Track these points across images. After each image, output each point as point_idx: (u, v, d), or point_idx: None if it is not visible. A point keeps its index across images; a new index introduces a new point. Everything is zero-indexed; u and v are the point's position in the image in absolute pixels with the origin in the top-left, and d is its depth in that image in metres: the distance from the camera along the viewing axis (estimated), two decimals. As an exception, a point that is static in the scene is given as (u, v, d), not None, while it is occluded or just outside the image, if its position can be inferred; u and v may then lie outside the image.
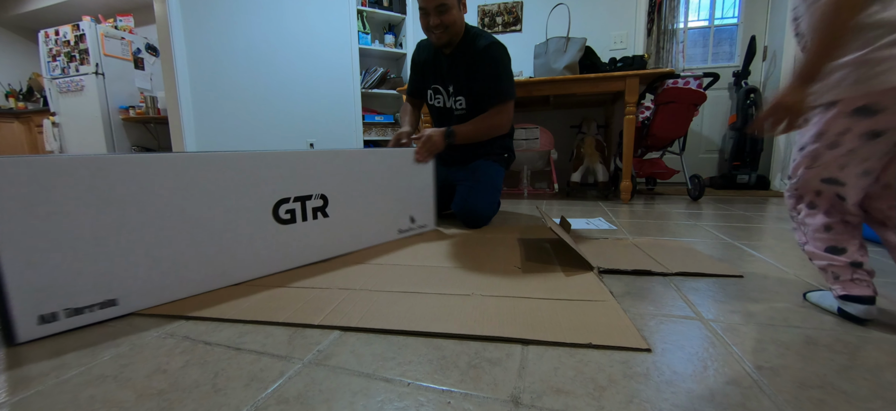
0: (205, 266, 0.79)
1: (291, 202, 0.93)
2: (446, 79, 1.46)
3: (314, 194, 0.97)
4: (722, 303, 0.73)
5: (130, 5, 4.23)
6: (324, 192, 0.99)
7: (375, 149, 1.14)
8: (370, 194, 1.11)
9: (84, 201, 0.65)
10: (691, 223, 1.51)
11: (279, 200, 0.91)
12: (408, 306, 0.71)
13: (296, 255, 0.95)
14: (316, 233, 0.98)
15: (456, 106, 1.48)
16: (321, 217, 0.99)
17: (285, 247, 0.93)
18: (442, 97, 1.51)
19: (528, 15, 2.88)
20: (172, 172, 0.74)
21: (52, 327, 0.63)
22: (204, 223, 0.78)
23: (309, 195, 0.96)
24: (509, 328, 0.62)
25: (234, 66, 2.53)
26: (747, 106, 2.64)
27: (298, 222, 0.95)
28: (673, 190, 2.77)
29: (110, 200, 0.67)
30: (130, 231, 0.70)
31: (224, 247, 0.82)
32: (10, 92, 4.69)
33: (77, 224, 0.64)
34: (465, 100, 1.46)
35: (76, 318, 0.65)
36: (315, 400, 0.46)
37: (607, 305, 0.70)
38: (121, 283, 0.69)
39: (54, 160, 0.62)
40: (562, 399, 0.45)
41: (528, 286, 0.80)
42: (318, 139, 2.87)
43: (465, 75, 1.42)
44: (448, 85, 1.47)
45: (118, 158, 0.68)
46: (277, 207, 0.90)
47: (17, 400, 0.47)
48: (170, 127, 2.45)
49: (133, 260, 0.70)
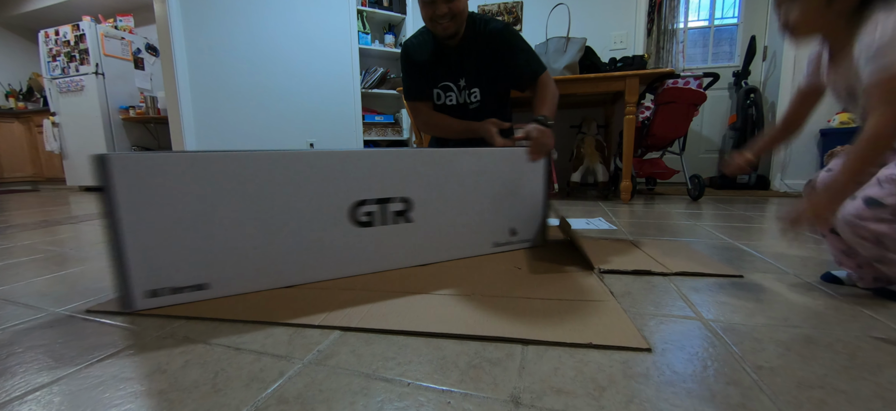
0: (279, 262, 0.81)
1: (371, 204, 0.87)
2: (456, 73, 1.36)
3: (396, 197, 0.90)
4: (722, 303, 0.73)
5: (130, 5, 4.24)
6: (407, 195, 0.92)
7: (473, 149, 1.00)
8: (462, 200, 0.99)
9: (188, 194, 0.71)
10: (691, 223, 1.51)
11: (357, 201, 0.86)
12: (408, 306, 0.71)
13: (373, 260, 0.90)
14: (396, 239, 0.91)
15: (471, 99, 1.38)
16: (403, 222, 0.92)
17: (362, 252, 0.88)
18: (454, 94, 1.39)
19: (528, 15, 2.89)
20: (258, 169, 0.76)
21: (157, 301, 0.72)
22: (282, 220, 0.80)
23: (390, 198, 0.90)
24: (509, 328, 0.62)
25: (234, 66, 2.53)
26: (747, 106, 2.64)
27: (377, 226, 0.89)
28: (673, 190, 2.77)
29: (207, 194, 0.73)
30: (221, 223, 0.75)
31: (298, 245, 0.82)
32: (10, 92, 4.69)
33: (182, 214, 0.71)
34: (479, 91, 1.37)
35: (176, 296, 0.73)
36: (315, 400, 0.46)
37: (607, 305, 0.70)
38: (211, 270, 0.75)
39: (168, 157, 0.70)
40: (562, 399, 0.45)
41: (528, 286, 0.80)
42: (318, 139, 2.87)
43: (478, 64, 1.32)
44: (459, 79, 1.36)
45: (218, 155, 0.73)
46: (355, 209, 0.86)
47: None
48: (170, 127, 2.45)
49: (222, 250, 0.75)
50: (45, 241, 1.40)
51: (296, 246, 0.81)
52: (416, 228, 0.94)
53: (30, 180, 4.72)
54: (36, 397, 0.48)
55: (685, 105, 2.17)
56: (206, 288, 0.75)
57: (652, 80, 2.23)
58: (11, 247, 1.31)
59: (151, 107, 3.74)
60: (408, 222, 0.92)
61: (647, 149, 2.48)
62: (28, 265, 1.08)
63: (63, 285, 0.90)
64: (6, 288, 0.89)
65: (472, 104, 1.40)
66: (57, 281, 0.93)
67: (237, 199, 0.75)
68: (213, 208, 0.73)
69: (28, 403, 0.47)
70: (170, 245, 0.71)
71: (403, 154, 0.91)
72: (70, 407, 0.46)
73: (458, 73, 1.36)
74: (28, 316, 0.72)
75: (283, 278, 0.81)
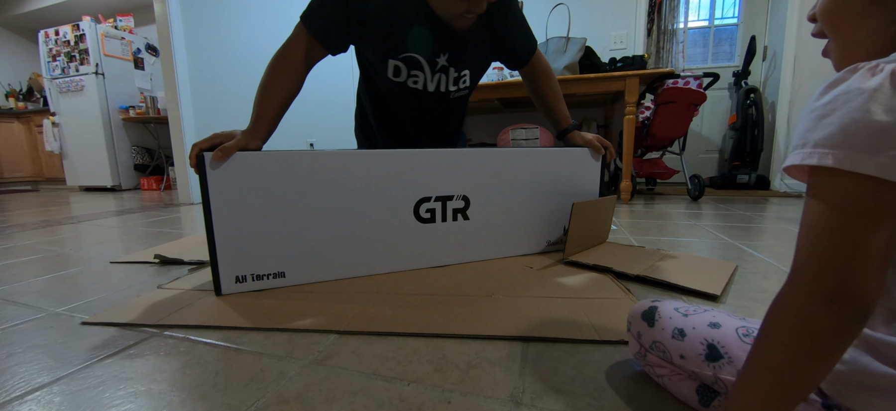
0: (349, 254, 0.86)
1: (432, 201, 0.91)
2: (436, 45, 0.95)
3: (456, 195, 0.93)
4: (722, 303, 0.73)
5: (130, 5, 4.23)
6: (466, 194, 0.94)
7: (530, 150, 1.00)
8: (517, 199, 1.00)
9: (269, 189, 0.76)
10: (691, 223, 1.51)
11: (421, 198, 0.89)
12: (409, 306, 0.71)
13: (433, 255, 0.93)
14: (454, 235, 0.95)
15: (460, 86, 1.04)
16: (461, 219, 0.95)
17: (424, 246, 0.92)
18: (422, 75, 0.98)
19: (528, 15, 2.87)
20: (333, 167, 0.80)
21: (242, 287, 0.78)
22: (352, 215, 0.84)
23: (451, 195, 0.92)
24: (510, 327, 0.61)
25: (234, 66, 2.53)
26: (747, 106, 2.64)
27: (438, 222, 0.92)
28: (673, 190, 2.77)
29: (287, 189, 0.78)
30: (298, 216, 0.80)
31: (369, 238, 0.86)
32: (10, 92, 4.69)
33: (265, 207, 0.77)
34: (469, 74, 1.04)
35: (258, 283, 0.79)
36: (315, 400, 0.46)
37: (608, 303, 0.70)
38: (287, 260, 0.81)
39: (253, 155, 0.75)
40: (562, 399, 0.45)
41: (529, 286, 0.80)
42: (318, 139, 2.87)
43: (476, 38, 0.98)
44: (438, 54, 0.96)
45: (297, 154, 0.78)
46: (418, 205, 0.90)
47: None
48: (170, 127, 2.45)
49: (298, 241, 0.81)
50: (45, 241, 1.40)
51: (365, 240, 0.86)
52: (473, 226, 0.96)
53: (30, 180, 4.71)
54: (36, 397, 0.48)
55: (685, 105, 2.17)
56: (283, 276, 0.81)
57: (652, 79, 2.23)
58: (11, 247, 1.31)
59: (151, 108, 3.74)
60: (466, 220, 0.95)
61: (647, 149, 2.48)
62: (28, 265, 1.08)
63: (63, 285, 0.90)
64: (6, 288, 0.89)
65: (457, 93, 1.06)
66: (57, 281, 0.93)
67: (313, 195, 0.80)
68: (291, 202, 0.79)
69: (28, 403, 0.47)
70: (254, 235, 0.77)
71: (464, 154, 0.93)
72: (70, 407, 0.46)
73: (440, 46, 0.95)
74: (28, 316, 0.72)
75: (351, 269, 0.87)
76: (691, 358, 0.41)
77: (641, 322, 0.46)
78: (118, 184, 3.86)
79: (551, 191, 1.04)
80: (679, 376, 0.43)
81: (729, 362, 0.38)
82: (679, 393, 0.44)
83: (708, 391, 0.41)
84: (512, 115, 3.08)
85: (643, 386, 0.48)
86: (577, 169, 1.07)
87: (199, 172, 0.71)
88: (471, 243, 0.97)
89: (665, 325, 0.44)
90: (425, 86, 1.01)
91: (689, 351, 0.41)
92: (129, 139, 3.94)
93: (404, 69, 0.96)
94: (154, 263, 1.04)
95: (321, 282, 0.84)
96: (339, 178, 0.81)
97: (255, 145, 0.79)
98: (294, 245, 0.81)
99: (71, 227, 1.69)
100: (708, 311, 0.44)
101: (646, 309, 0.47)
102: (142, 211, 2.23)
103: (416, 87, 1.00)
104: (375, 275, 0.88)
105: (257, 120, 0.83)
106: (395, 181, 0.86)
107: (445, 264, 0.95)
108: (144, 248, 1.23)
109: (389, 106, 1.09)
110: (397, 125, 1.12)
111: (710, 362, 0.39)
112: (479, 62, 1.04)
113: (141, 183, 3.88)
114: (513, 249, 1.03)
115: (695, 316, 0.43)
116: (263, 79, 0.87)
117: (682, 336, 0.42)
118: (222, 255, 0.76)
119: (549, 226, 1.07)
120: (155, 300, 0.77)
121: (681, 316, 0.44)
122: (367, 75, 1.10)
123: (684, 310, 0.44)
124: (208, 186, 0.72)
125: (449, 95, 1.05)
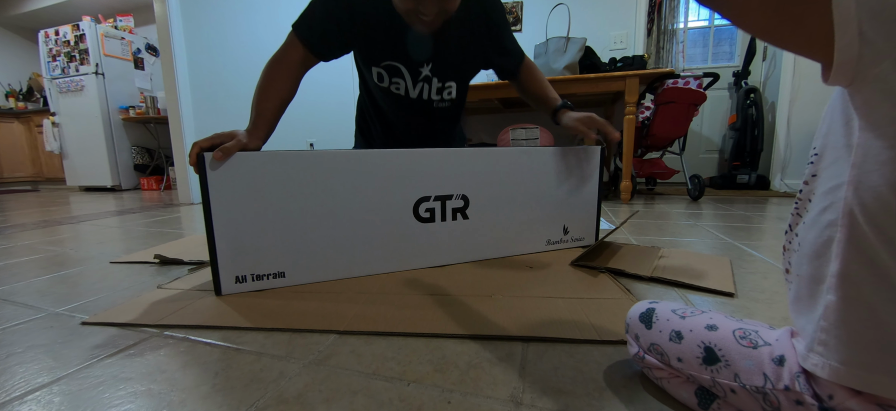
0: (349, 254, 0.86)
1: (432, 201, 0.91)
2: (418, 53, 0.97)
3: (455, 194, 0.93)
4: (723, 303, 0.73)
5: (130, 5, 4.24)
6: (465, 193, 0.94)
7: (530, 150, 1.00)
8: (517, 198, 1.00)
9: (269, 189, 0.77)
10: (691, 223, 1.51)
11: (420, 198, 0.89)
12: (409, 306, 0.71)
13: (432, 255, 0.93)
14: (454, 234, 0.95)
15: (444, 96, 1.06)
16: (461, 218, 0.95)
17: (423, 246, 0.92)
18: (404, 83, 1.01)
19: (528, 15, 2.88)
20: (333, 167, 0.81)
21: (242, 287, 0.78)
22: (352, 215, 0.84)
23: (450, 195, 0.92)
24: (510, 327, 0.61)
25: (234, 66, 2.53)
26: (747, 106, 2.64)
27: (437, 222, 0.92)
28: (673, 190, 2.77)
29: (287, 189, 0.78)
30: (298, 216, 0.80)
31: (368, 238, 0.86)
32: (10, 92, 4.69)
33: (264, 207, 0.77)
34: (455, 87, 1.05)
35: (258, 283, 0.79)
36: (315, 400, 0.46)
37: (608, 303, 0.70)
38: (287, 260, 0.81)
39: (251, 155, 0.75)
40: (562, 399, 0.45)
41: (529, 286, 0.80)
42: (318, 139, 2.87)
43: (459, 46, 0.99)
44: (422, 64, 0.99)
45: (295, 154, 0.78)
46: (418, 205, 0.90)
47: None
48: (170, 127, 2.45)
49: (298, 241, 0.81)
50: (45, 241, 1.40)
51: (364, 240, 0.86)
52: (473, 225, 0.96)
53: (30, 180, 4.72)
54: (36, 397, 0.48)
55: (685, 105, 2.17)
56: (283, 276, 0.81)
57: (652, 80, 2.23)
58: (11, 247, 1.31)
59: (151, 108, 3.74)
60: (465, 219, 0.95)
61: (647, 149, 2.48)
62: (28, 265, 1.08)
63: (63, 285, 0.90)
64: (6, 288, 0.89)
65: (442, 103, 1.08)
66: (57, 281, 0.93)
67: (313, 195, 0.80)
68: (291, 202, 0.79)
69: (28, 403, 0.47)
70: (253, 235, 0.77)
71: (464, 153, 0.93)
72: (70, 407, 0.46)
73: (421, 54, 0.97)
74: (28, 316, 0.72)
75: (350, 269, 0.87)
76: (689, 362, 0.41)
77: (639, 324, 0.46)
78: (118, 184, 3.86)
79: (551, 191, 1.04)
80: (677, 378, 0.43)
81: (726, 365, 0.38)
82: (678, 395, 0.44)
83: (706, 394, 0.41)
84: (512, 115, 3.08)
85: (643, 386, 0.48)
86: (577, 168, 1.08)
87: (199, 172, 0.71)
88: (470, 243, 0.97)
89: (663, 328, 0.44)
90: (407, 92, 1.04)
91: (687, 355, 0.41)
92: (129, 139, 3.94)
93: (386, 76, 1.01)
94: (154, 263, 1.04)
95: (321, 282, 0.84)
96: (338, 178, 0.81)
97: (255, 145, 0.81)
98: (294, 245, 0.81)
99: (71, 227, 1.69)
100: (705, 313, 0.44)
101: (643, 311, 0.47)
102: (142, 211, 2.23)
103: (398, 92, 1.04)
104: (375, 275, 0.88)
105: (257, 120, 0.84)
106: (395, 180, 0.86)
107: (445, 264, 0.95)
108: (144, 248, 1.23)
109: (381, 108, 1.14)
110: (391, 127, 1.16)
111: (708, 365, 0.39)
112: (465, 73, 1.08)
113: (141, 183, 3.88)
114: (513, 249, 1.03)
115: (692, 318, 0.43)
116: (260, 82, 0.89)
117: (679, 339, 0.42)
118: (222, 255, 0.76)
119: (548, 225, 1.06)
120: (155, 300, 0.76)
121: (678, 319, 0.44)
122: (361, 77, 1.14)
123: (682, 312, 0.44)
124: (208, 186, 0.72)
125: (432, 104, 1.08)
